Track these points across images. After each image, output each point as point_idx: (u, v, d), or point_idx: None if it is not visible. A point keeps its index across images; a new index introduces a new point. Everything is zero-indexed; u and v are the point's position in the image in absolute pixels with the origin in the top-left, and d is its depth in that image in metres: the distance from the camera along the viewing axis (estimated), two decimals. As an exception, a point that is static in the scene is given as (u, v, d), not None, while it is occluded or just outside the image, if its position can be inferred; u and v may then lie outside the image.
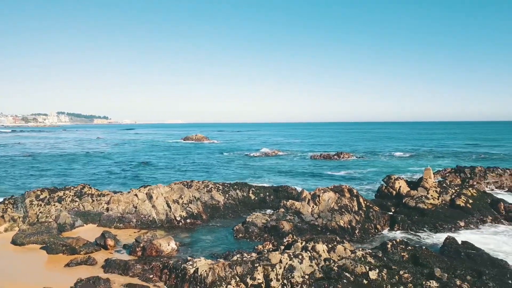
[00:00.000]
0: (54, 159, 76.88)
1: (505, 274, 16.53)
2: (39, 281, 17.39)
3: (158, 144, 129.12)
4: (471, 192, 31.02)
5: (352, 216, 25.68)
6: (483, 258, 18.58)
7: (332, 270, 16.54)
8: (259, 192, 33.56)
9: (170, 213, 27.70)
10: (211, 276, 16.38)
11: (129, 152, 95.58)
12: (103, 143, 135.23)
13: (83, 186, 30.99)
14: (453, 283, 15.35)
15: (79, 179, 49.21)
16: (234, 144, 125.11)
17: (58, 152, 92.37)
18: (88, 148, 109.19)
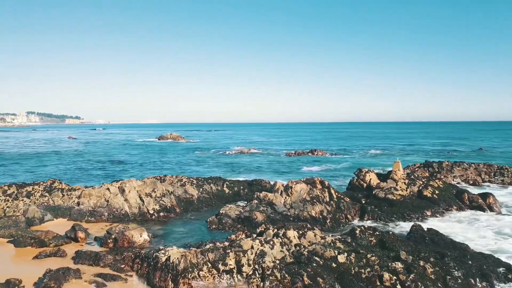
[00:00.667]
0: (23, 157, 74.63)
1: (466, 255, 17.35)
2: (5, 273, 17.00)
3: (132, 143, 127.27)
4: (437, 183, 32.21)
5: (324, 206, 26.25)
6: (446, 242, 19.43)
7: (302, 255, 16.94)
8: (233, 186, 33.75)
9: (143, 206, 27.53)
10: (183, 263, 16.48)
11: (102, 151, 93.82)
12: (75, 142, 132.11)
13: (53, 181, 30.34)
14: (417, 264, 16.02)
15: (50, 177, 48.02)
16: (210, 143, 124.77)
17: (28, 151, 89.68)
18: (59, 146, 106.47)
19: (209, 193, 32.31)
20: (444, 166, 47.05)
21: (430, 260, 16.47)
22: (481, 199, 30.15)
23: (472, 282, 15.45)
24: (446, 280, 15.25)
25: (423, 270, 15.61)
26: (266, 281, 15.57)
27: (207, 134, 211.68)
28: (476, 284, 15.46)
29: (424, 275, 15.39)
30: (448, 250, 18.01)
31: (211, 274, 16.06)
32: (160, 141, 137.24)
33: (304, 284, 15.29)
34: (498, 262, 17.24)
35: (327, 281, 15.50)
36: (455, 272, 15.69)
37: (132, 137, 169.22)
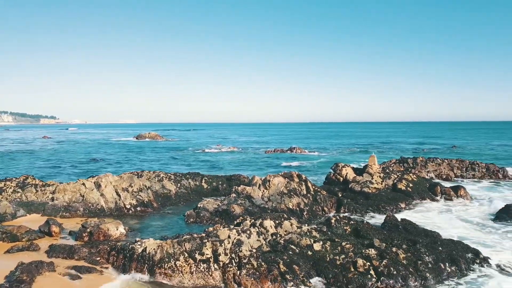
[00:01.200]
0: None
1: (436, 242, 17.91)
2: (-25, 267, 16.56)
3: (109, 142, 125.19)
4: (411, 177, 33.05)
5: (301, 199, 26.57)
6: (418, 230, 20.00)
7: (278, 243, 17.14)
8: (211, 181, 33.72)
9: (119, 201, 27.21)
10: (159, 253, 16.43)
11: (78, 149, 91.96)
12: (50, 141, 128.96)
13: (26, 177, 29.61)
14: (390, 250, 16.46)
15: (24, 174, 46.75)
16: (190, 142, 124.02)
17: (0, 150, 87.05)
18: (33, 145, 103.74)
19: (187, 188, 32.19)
20: (418, 161, 48.22)
21: (402, 247, 16.94)
22: (452, 192, 31.11)
23: (442, 267, 15.98)
24: (418, 265, 15.73)
25: (396, 255, 16.06)
26: (242, 269, 15.69)
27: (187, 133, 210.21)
28: (446, 269, 15.99)
29: (397, 261, 15.82)
30: (420, 238, 18.55)
31: (188, 263, 16.06)
32: (138, 140, 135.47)
33: (280, 272, 15.49)
34: (466, 248, 17.87)
35: (302, 268, 15.75)
36: (426, 257, 16.20)
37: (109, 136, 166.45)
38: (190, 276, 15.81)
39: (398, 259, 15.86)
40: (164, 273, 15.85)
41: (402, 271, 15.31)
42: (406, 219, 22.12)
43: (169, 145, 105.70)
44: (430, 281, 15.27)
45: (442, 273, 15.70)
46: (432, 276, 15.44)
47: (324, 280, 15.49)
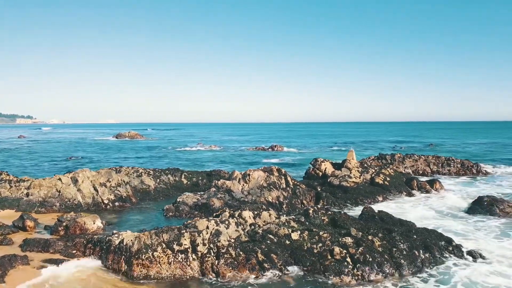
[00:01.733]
0: (-32, 155, 70.18)
1: (411, 230, 18.33)
2: None
3: (88, 141, 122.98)
4: (389, 171, 33.68)
5: (280, 192, 26.75)
6: (394, 220, 20.41)
7: (257, 233, 17.23)
8: (191, 177, 33.57)
9: (97, 196, 26.81)
10: (136, 244, 16.29)
11: (56, 148, 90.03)
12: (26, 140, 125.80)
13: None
14: (366, 238, 16.76)
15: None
16: (170, 141, 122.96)
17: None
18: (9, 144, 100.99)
19: (167, 183, 31.96)
20: (396, 158, 49.18)
21: (378, 235, 17.28)
22: (428, 185, 31.87)
23: (416, 254, 16.37)
24: (393, 252, 16.07)
25: (371, 243, 16.37)
26: (221, 259, 15.72)
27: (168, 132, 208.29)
28: (420, 255, 16.38)
29: (372, 248, 16.13)
30: (396, 227, 18.95)
31: (166, 254, 15.98)
32: (118, 139, 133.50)
33: (258, 260, 15.59)
34: (440, 236, 18.36)
35: (280, 256, 15.89)
36: (401, 245, 16.56)
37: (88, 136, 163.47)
38: (168, 266, 15.73)
39: (373, 247, 16.17)
40: (142, 264, 15.72)
41: (377, 258, 15.62)
42: (383, 210, 22.53)
43: (150, 144, 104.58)
44: (405, 267, 15.63)
45: (416, 260, 16.08)
46: (406, 262, 15.80)
47: (301, 268, 15.67)
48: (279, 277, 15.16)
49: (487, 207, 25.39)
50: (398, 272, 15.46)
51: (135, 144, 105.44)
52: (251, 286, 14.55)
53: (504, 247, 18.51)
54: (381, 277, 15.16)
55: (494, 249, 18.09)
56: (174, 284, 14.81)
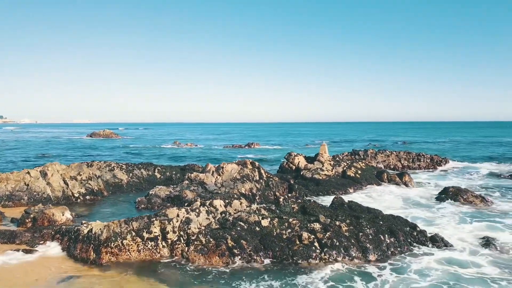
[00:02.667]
0: None
1: (378, 217, 18.87)
2: None
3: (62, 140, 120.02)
4: (360, 165, 34.42)
5: (253, 184, 26.98)
6: (362, 208, 20.93)
7: (227, 221, 17.38)
8: (165, 171, 33.39)
9: (67, 190, 26.36)
10: (105, 233, 16.18)
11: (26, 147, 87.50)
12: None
13: (-36, 167, 27.98)
14: (334, 224, 17.17)
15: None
16: (146, 140, 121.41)
17: None
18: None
19: (140, 178, 31.69)
20: (369, 153, 50.21)
21: (346, 221, 17.72)
22: (398, 178, 32.76)
23: (382, 238, 16.88)
24: (359, 236, 16.53)
25: (339, 228, 16.79)
26: (191, 246, 15.80)
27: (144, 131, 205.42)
28: (385, 240, 16.90)
29: (340, 233, 16.55)
30: (363, 214, 19.45)
31: (135, 242, 15.95)
32: (92, 138, 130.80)
33: (228, 247, 15.74)
34: (405, 222, 18.97)
35: (250, 242, 16.09)
36: (367, 230, 17.04)
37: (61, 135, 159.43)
38: (137, 254, 15.72)
39: (341, 232, 16.59)
40: (111, 252, 15.63)
41: (344, 242, 16.04)
42: (353, 201, 23.05)
43: (125, 142, 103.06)
44: (371, 251, 16.10)
45: (382, 244, 16.59)
46: (372, 246, 16.28)
47: (271, 253, 15.92)
48: (248, 263, 15.37)
49: (452, 197, 26.36)
50: (364, 256, 15.92)
51: (110, 142, 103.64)
52: (221, 271, 14.69)
53: (463, 232, 19.32)
54: (348, 260, 15.59)
55: (454, 234, 18.86)
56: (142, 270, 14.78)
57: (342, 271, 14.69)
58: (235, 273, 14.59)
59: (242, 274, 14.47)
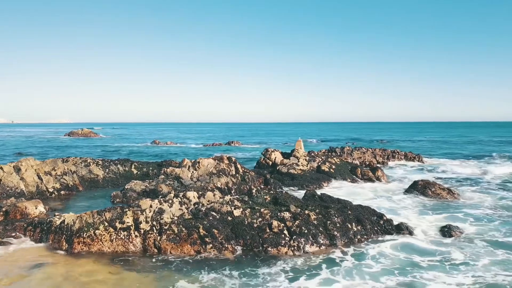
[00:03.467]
0: None
1: (346, 207, 19.55)
2: None
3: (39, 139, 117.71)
4: (335, 160, 35.26)
5: (229, 178, 27.40)
6: (333, 199, 21.63)
7: (200, 211, 17.75)
8: (141, 167, 33.44)
9: (41, 185, 26.22)
10: (78, 223, 16.35)
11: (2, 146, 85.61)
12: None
13: None
14: (303, 213, 17.77)
15: None
16: (126, 138, 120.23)
17: None
18: None
19: (116, 173, 31.68)
20: (345, 150, 51.31)
21: (315, 211, 18.34)
22: (371, 173, 33.70)
23: (349, 226, 17.57)
24: (327, 225, 17.17)
25: (308, 217, 17.38)
26: (163, 235, 16.12)
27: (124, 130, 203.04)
28: (353, 228, 17.60)
29: (308, 221, 17.15)
30: (333, 205, 20.12)
31: (108, 232, 16.17)
32: (70, 137, 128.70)
33: (199, 235, 16.14)
34: (373, 212, 19.72)
35: (222, 231, 16.52)
36: (335, 218, 17.70)
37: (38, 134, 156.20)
38: (110, 243, 15.94)
39: (309, 220, 17.19)
40: (83, 242, 15.83)
41: (312, 230, 16.64)
42: (325, 194, 23.74)
43: (104, 141, 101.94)
44: (338, 238, 16.76)
45: (349, 232, 17.27)
46: (339, 234, 16.94)
47: (242, 242, 16.39)
48: (219, 251, 15.79)
49: (421, 190, 27.37)
50: (332, 243, 16.57)
51: (89, 141, 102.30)
52: (193, 259, 15.08)
53: (426, 222, 20.25)
54: (315, 246, 16.19)
55: (417, 223, 19.75)
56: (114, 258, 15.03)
57: (309, 257, 15.29)
58: (206, 260, 15.00)
59: (213, 261, 14.90)
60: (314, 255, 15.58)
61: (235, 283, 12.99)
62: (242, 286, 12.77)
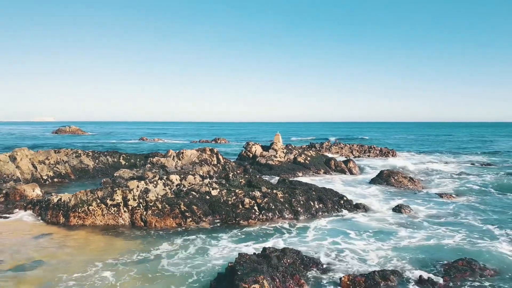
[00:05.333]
0: None
1: (311, 188, 22.15)
2: None
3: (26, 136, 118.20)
4: (311, 153, 37.91)
5: (211, 167, 29.83)
6: (301, 183, 24.22)
7: (181, 191, 20.16)
8: (129, 158, 35.63)
9: (36, 172, 28.28)
10: (73, 200, 18.62)
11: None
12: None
13: None
14: (272, 192, 20.31)
15: None
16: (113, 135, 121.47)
17: None
18: None
19: (105, 164, 33.82)
20: (324, 146, 54.19)
21: (283, 191, 20.89)
22: (343, 164, 36.43)
23: (312, 204, 20.17)
24: (292, 202, 19.74)
25: (275, 195, 19.94)
26: (148, 210, 18.48)
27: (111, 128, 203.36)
28: (315, 205, 20.20)
29: (276, 199, 19.70)
30: (300, 187, 22.71)
31: (100, 208, 18.47)
32: (58, 134, 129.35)
33: (181, 210, 18.55)
34: (335, 193, 22.36)
35: (200, 207, 18.96)
36: (299, 197, 20.28)
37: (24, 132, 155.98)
38: (102, 218, 18.25)
39: (277, 198, 19.75)
40: (78, 216, 18.11)
41: (279, 206, 19.20)
42: (297, 180, 26.35)
43: (92, 138, 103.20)
44: (301, 213, 19.33)
45: (311, 208, 19.87)
46: (303, 210, 19.53)
47: (218, 216, 18.85)
48: (198, 224, 18.22)
49: (385, 178, 30.15)
50: (296, 217, 19.13)
51: (77, 138, 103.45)
52: (174, 230, 17.47)
53: (384, 203, 22.96)
54: (281, 220, 18.74)
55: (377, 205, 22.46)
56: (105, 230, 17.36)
57: (274, 227, 17.83)
58: (186, 230, 17.42)
59: (192, 231, 17.33)
60: (279, 225, 18.09)
61: (209, 241, 15.48)
62: (214, 244, 15.26)
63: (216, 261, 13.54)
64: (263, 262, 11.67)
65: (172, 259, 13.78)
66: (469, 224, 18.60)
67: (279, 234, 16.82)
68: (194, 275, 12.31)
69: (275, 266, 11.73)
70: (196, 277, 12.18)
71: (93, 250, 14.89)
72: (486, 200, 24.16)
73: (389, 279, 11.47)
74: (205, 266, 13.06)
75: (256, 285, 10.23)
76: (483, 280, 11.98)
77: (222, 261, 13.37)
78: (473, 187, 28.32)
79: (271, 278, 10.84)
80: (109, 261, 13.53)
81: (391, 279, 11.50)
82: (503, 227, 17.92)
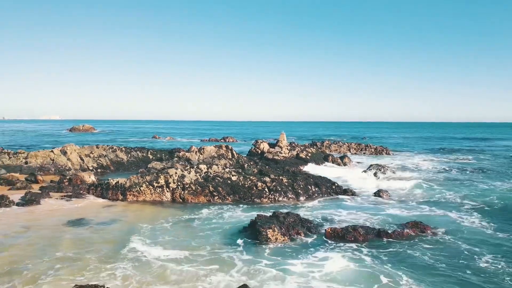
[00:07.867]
0: None
1: (309, 176, 27.98)
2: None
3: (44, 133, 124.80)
4: (311, 150, 43.72)
5: (227, 161, 35.72)
6: (302, 173, 30.06)
7: (209, 177, 26.06)
8: (156, 153, 41.60)
9: (83, 164, 34.28)
10: (128, 183, 24.55)
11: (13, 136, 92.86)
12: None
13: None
14: (278, 178, 26.16)
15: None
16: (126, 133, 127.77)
17: None
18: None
19: (136, 158, 39.81)
20: (325, 144, 59.97)
21: (287, 177, 26.74)
22: (339, 159, 42.23)
23: (309, 188, 25.98)
24: (294, 186, 25.57)
25: (281, 180, 25.78)
26: (185, 190, 24.38)
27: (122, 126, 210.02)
28: (312, 189, 26.00)
29: (282, 183, 25.54)
30: (300, 175, 28.54)
31: (148, 188, 24.38)
32: (72, 132, 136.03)
33: (210, 191, 24.43)
34: (328, 180, 28.16)
35: (224, 189, 24.82)
36: (300, 182, 26.10)
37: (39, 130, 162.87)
38: (150, 196, 24.16)
39: (282, 182, 25.59)
40: (133, 194, 24.02)
41: (284, 189, 25.05)
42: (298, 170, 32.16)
43: (106, 135, 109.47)
44: (301, 195, 25.15)
45: (309, 191, 25.69)
46: (302, 192, 25.35)
47: (237, 196, 24.71)
48: (222, 201, 24.09)
49: (373, 171, 35.92)
50: (297, 197, 24.96)
51: (92, 136, 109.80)
52: (205, 206, 23.33)
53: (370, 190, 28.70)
54: (285, 199, 24.59)
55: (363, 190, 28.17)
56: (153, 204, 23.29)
57: (280, 204, 23.67)
58: (214, 205, 23.30)
59: (220, 205, 23.21)
60: (284, 203, 23.92)
61: (234, 210, 21.38)
62: (238, 211, 21.16)
63: (241, 220, 19.43)
64: (273, 219, 17.52)
65: (209, 219, 19.68)
66: (423, 199, 24.38)
67: (284, 209, 22.66)
68: (228, 226, 18.22)
69: (282, 221, 17.57)
70: (229, 227, 18.10)
71: (149, 214, 20.82)
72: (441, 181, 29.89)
73: (357, 230, 17.26)
74: (234, 222, 18.97)
75: (269, 230, 16.12)
76: (428, 235, 17.74)
77: (245, 219, 19.25)
78: (436, 174, 34.02)
79: (279, 228, 16.69)
80: (162, 220, 19.43)
81: (359, 230, 17.29)
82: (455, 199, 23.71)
